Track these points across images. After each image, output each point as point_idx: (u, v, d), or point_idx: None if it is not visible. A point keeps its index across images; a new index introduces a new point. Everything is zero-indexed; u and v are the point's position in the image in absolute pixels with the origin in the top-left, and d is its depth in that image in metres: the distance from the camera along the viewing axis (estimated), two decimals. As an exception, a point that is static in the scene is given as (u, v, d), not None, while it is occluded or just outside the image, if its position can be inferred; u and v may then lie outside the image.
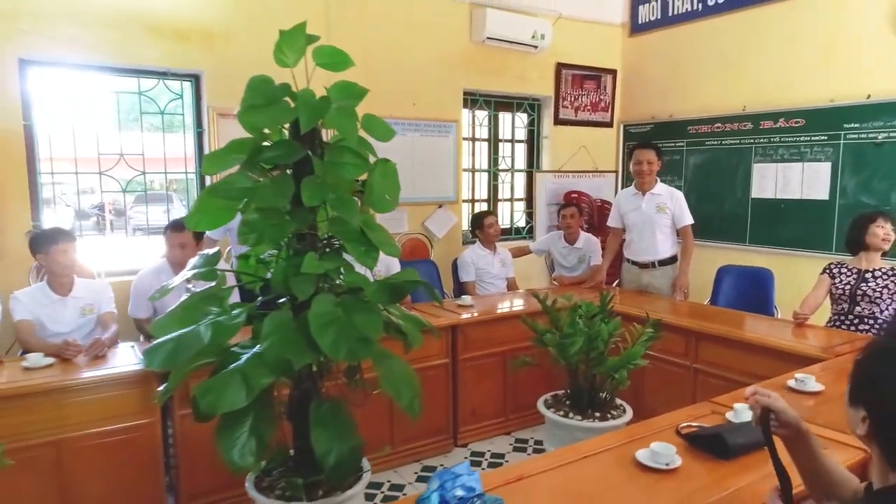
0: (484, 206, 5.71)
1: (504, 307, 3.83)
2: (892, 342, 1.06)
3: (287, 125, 1.92)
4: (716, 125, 5.34)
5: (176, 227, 3.25)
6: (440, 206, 5.25)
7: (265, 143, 1.92)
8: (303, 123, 1.73)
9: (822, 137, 4.67)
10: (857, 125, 4.48)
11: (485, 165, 5.82)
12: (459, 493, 1.32)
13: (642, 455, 1.62)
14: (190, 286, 2.51)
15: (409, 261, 4.57)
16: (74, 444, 2.40)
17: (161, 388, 1.89)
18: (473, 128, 5.67)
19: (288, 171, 1.93)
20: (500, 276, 4.54)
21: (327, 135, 2.03)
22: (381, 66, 4.77)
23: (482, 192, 5.84)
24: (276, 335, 1.66)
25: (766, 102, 4.97)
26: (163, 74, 4.22)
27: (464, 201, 5.54)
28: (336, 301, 1.74)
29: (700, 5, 5.41)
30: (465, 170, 5.54)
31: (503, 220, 5.78)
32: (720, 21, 5.26)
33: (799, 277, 4.30)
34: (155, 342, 1.71)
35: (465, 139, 5.49)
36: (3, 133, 3.62)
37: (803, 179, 4.80)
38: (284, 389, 2.01)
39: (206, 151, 4.30)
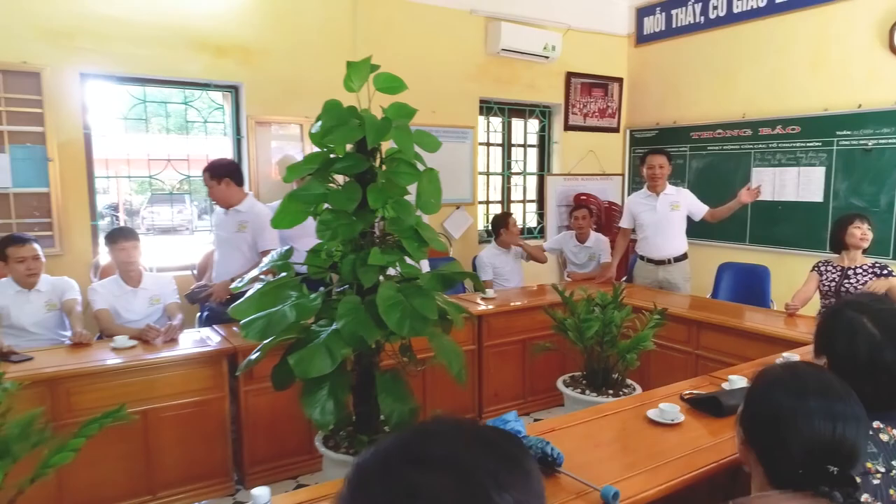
0: (498, 208, 6.07)
1: (523, 300, 4.18)
2: (841, 308, 1.43)
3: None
4: (717, 131, 5.68)
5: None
6: (458, 208, 5.60)
7: (332, 156, 2.28)
8: (370, 141, 2.09)
9: (817, 144, 5.00)
10: (848, 132, 4.81)
11: (499, 169, 6.18)
12: (509, 435, 1.67)
13: (652, 413, 1.99)
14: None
15: (433, 258, 4.93)
16: (158, 414, 2.78)
17: (251, 358, 2.23)
18: (488, 133, 6.03)
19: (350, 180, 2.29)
20: (514, 273, 4.91)
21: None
22: (404, 76, 5.05)
23: (496, 194, 6.20)
24: (349, 315, 2.02)
25: (764, 110, 5.31)
26: (205, 86, 4.59)
27: (479, 203, 5.90)
28: (397, 287, 2.10)
29: (702, 18, 5.75)
30: (480, 173, 5.90)
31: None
32: (721, 33, 5.60)
33: (794, 274, 4.63)
34: (248, 318, 2.06)
35: (480, 144, 5.85)
36: (68, 141, 3.99)
37: (799, 183, 5.14)
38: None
39: (245, 156, 4.67)
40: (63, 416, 2.51)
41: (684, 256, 4.50)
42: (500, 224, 4.88)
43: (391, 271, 2.33)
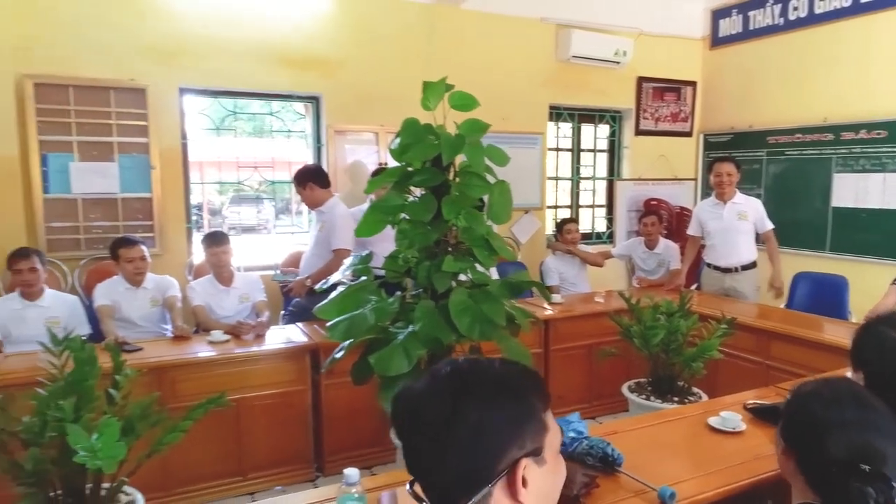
0: (567, 213, 6.12)
1: (589, 306, 4.25)
2: (873, 323, 1.48)
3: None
4: (795, 135, 5.52)
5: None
6: (526, 212, 5.70)
7: (409, 169, 2.46)
8: (445, 157, 2.25)
9: (905, 148, 4.80)
10: (940, 137, 4.60)
11: (568, 174, 6.23)
12: (572, 434, 1.79)
13: (713, 420, 2.05)
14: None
15: (501, 262, 5.05)
16: (248, 403, 3.05)
17: (335, 356, 2.44)
18: (557, 139, 6.10)
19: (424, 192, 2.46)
20: (580, 278, 4.98)
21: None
22: (476, 85, 5.17)
23: (566, 198, 6.26)
24: (425, 319, 2.18)
25: (847, 114, 5.13)
26: (288, 97, 4.90)
27: (547, 207, 5.97)
28: (468, 293, 2.24)
29: (781, 20, 5.60)
30: (549, 178, 5.98)
31: (584, 226, 6.17)
32: (800, 35, 5.43)
33: (877, 285, 4.44)
34: (333, 321, 2.26)
35: (549, 150, 5.93)
36: (168, 150, 4.38)
37: (884, 189, 4.94)
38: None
39: (325, 163, 4.94)
40: (169, 402, 2.79)
41: (753, 265, 4.43)
42: (558, 230, 5.06)
43: (462, 277, 2.48)
